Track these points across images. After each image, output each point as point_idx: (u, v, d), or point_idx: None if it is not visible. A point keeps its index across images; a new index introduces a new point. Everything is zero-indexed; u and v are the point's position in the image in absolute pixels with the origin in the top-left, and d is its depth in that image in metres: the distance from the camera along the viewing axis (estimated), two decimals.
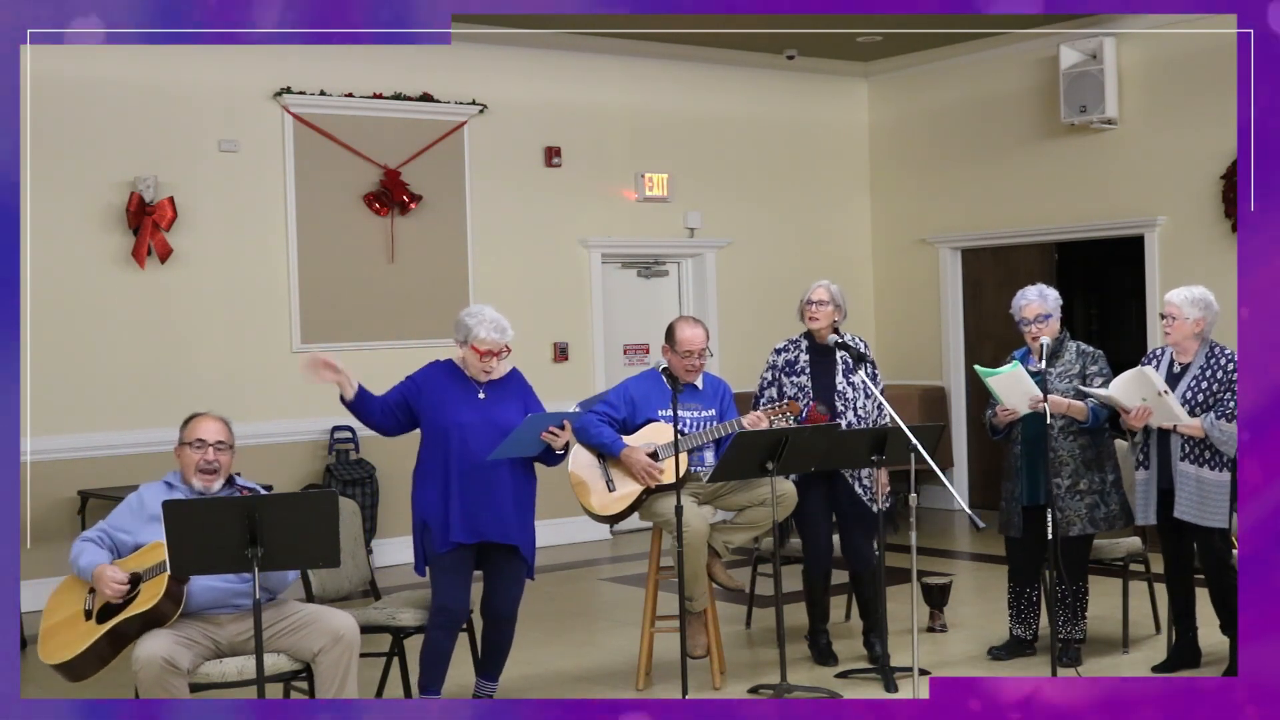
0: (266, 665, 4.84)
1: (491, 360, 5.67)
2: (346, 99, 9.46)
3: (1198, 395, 5.97)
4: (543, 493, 5.87)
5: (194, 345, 8.98)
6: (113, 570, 4.95)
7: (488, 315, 5.70)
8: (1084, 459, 6.29)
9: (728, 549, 6.27)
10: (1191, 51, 9.67)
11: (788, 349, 6.62)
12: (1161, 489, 6.06)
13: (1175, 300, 6.05)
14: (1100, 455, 6.35)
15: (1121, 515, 6.37)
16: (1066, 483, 6.28)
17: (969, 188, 11.17)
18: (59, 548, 8.09)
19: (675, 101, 10.88)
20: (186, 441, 5.18)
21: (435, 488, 5.64)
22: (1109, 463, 6.40)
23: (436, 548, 5.63)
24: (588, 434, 6.22)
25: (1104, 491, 6.34)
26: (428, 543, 5.66)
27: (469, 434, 5.60)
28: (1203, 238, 9.72)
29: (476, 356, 5.66)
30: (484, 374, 5.71)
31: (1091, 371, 6.32)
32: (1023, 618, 6.59)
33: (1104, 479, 6.35)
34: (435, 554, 5.63)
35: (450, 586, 5.63)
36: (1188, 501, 5.94)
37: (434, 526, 5.63)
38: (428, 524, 5.65)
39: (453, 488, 5.61)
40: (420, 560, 5.73)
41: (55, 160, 8.48)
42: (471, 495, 5.62)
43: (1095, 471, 6.33)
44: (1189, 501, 5.94)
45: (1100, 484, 6.33)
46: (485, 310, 5.74)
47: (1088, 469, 6.30)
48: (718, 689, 6.23)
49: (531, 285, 10.24)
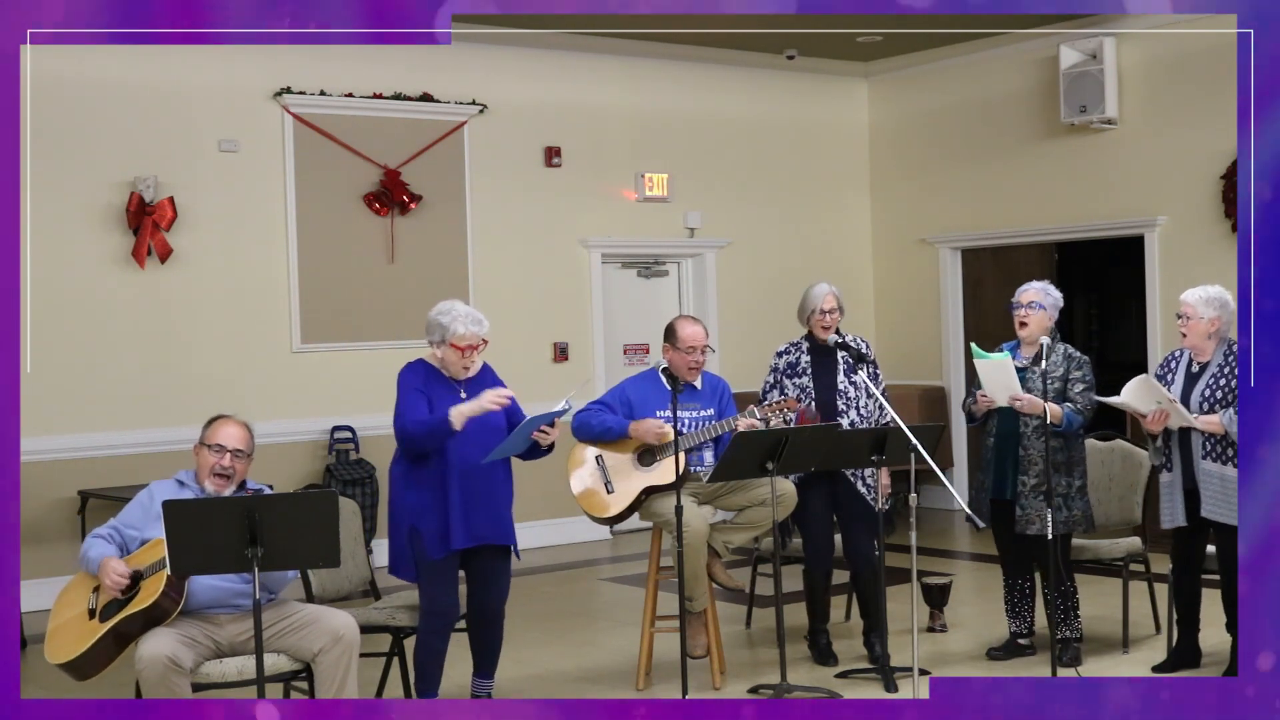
0: (266, 665, 4.84)
1: (472, 355, 5.58)
2: (346, 99, 9.46)
3: (1216, 393, 5.95)
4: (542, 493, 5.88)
5: (194, 345, 8.98)
6: (117, 563, 4.96)
7: (461, 310, 5.58)
8: (1053, 461, 6.23)
9: (728, 549, 6.27)
10: (1191, 51, 9.67)
11: (789, 351, 6.62)
12: (1185, 490, 6.04)
13: (1190, 300, 6.01)
14: (1070, 460, 6.32)
15: (1083, 521, 6.37)
16: (1031, 482, 6.28)
17: (969, 188, 11.17)
18: (59, 548, 8.13)
19: (675, 101, 10.88)
20: (206, 443, 5.17)
21: (429, 492, 5.54)
22: (1078, 468, 6.37)
23: (431, 554, 5.53)
24: (589, 427, 6.21)
25: (1068, 495, 6.30)
26: (418, 548, 5.55)
27: (461, 436, 5.50)
28: (1203, 238, 9.72)
29: (458, 354, 5.56)
30: (464, 371, 5.61)
31: (1074, 376, 6.28)
32: (1016, 612, 6.60)
33: (1070, 483, 6.32)
34: (429, 560, 5.55)
35: (443, 591, 5.58)
36: (1213, 500, 5.90)
37: (427, 532, 5.53)
38: (418, 529, 5.55)
39: (452, 492, 5.54)
40: (406, 565, 5.61)
41: (55, 160, 8.48)
42: (470, 499, 5.58)
43: (1062, 475, 6.29)
44: (1215, 500, 5.89)
45: (1066, 488, 6.30)
46: (457, 306, 5.62)
47: (1055, 471, 6.24)
48: (718, 689, 6.23)
49: (531, 285, 10.24)
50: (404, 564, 5.63)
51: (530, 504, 9.37)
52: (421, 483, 5.56)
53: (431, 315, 5.62)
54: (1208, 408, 5.94)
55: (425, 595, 5.61)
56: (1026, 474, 6.28)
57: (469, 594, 5.74)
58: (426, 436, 5.47)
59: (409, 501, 5.58)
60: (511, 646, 6.28)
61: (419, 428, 5.48)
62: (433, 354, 5.63)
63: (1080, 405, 6.22)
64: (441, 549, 5.54)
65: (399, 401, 5.61)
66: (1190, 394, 6.01)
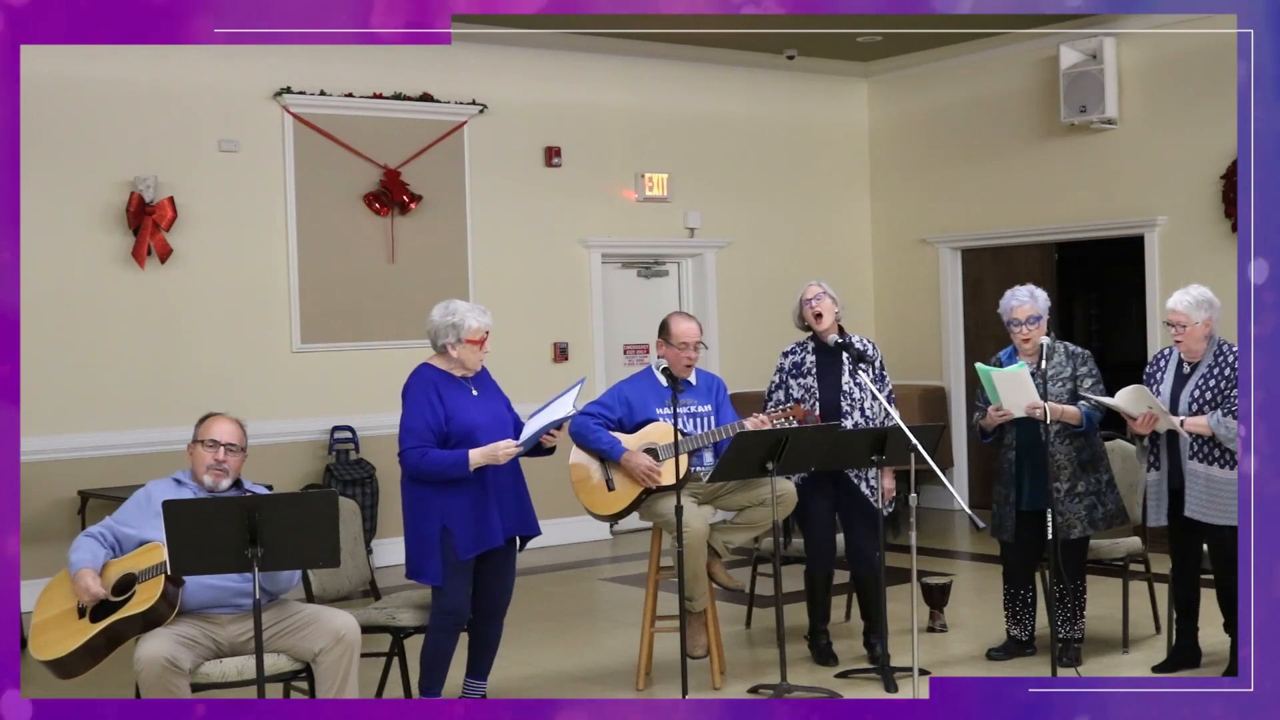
0: (267, 665, 4.84)
1: (487, 345, 5.61)
2: (346, 99, 9.46)
3: (1205, 394, 5.95)
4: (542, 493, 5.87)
5: (194, 345, 8.98)
6: (93, 580, 4.93)
7: (464, 306, 5.59)
8: (1080, 461, 6.30)
9: (728, 549, 6.27)
10: (1191, 51, 9.67)
11: (794, 351, 6.62)
12: (1172, 489, 6.05)
13: (1180, 308, 5.97)
14: (1095, 456, 6.37)
15: (1119, 514, 6.41)
16: (1065, 486, 6.28)
17: (969, 188, 11.17)
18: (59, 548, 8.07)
19: (675, 101, 10.88)
20: (200, 440, 5.19)
21: (468, 494, 5.49)
22: (1102, 463, 6.42)
23: (462, 554, 5.50)
24: (585, 439, 6.21)
25: (1100, 492, 6.35)
26: (448, 548, 5.49)
27: (489, 436, 5.51)
28: (1203, 238, 9.72)
29: (475, 347, 5.56)
30: (478, 365, 5.62)
31: (1081, 372, 6.30)
32: (1019, 619, 6.59)
33: (1100, 479, 6.36)
34: (457, 560, 5.51)
35: (462, 590, 5.57)
36: (1198, 500, 5.92)
37: (461, 532, 5.49)
38: (451, 530, 5.48)
39: (490, 493, 5.53)
40: (433, 567, 5.51)
41: (55, 160, 8.48)
42: (503, 494, 5.60)
43: (1091, 473, 6.34)
44: (1199, 500, 5.92)
45: (1097, 484, 6.34)
46: (457, 304, 5.61)
47: (1084, 471, 6.31)
48: (718, 689, 6.23)
49: (531, 285, 10.24)
50: (432, 566, 5.52)
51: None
52: (460, 486, 5.50)
53: (437, 320, 5.58)
54: (1196, 408, 5.95)
55: (441, 594, 5.56)
56: (1059, 479, 6.26)
57: (476, 587, 5.68)
58: (439, 473, 5.45)
59: (436, 503, 5.50)
60: (511, 646, 6.28)
61: (434, 466, 5.44)
62: (446, 356, 5.61)
63: (1095, 401, 6.22)
64: (474, 549, 5.52)
65: (407, 418, 5.53)
66: (1180, 394, 6.02)
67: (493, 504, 5.57)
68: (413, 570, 5.63)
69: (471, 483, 5.51)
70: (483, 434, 5.52)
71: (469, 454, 5.44)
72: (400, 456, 5.56)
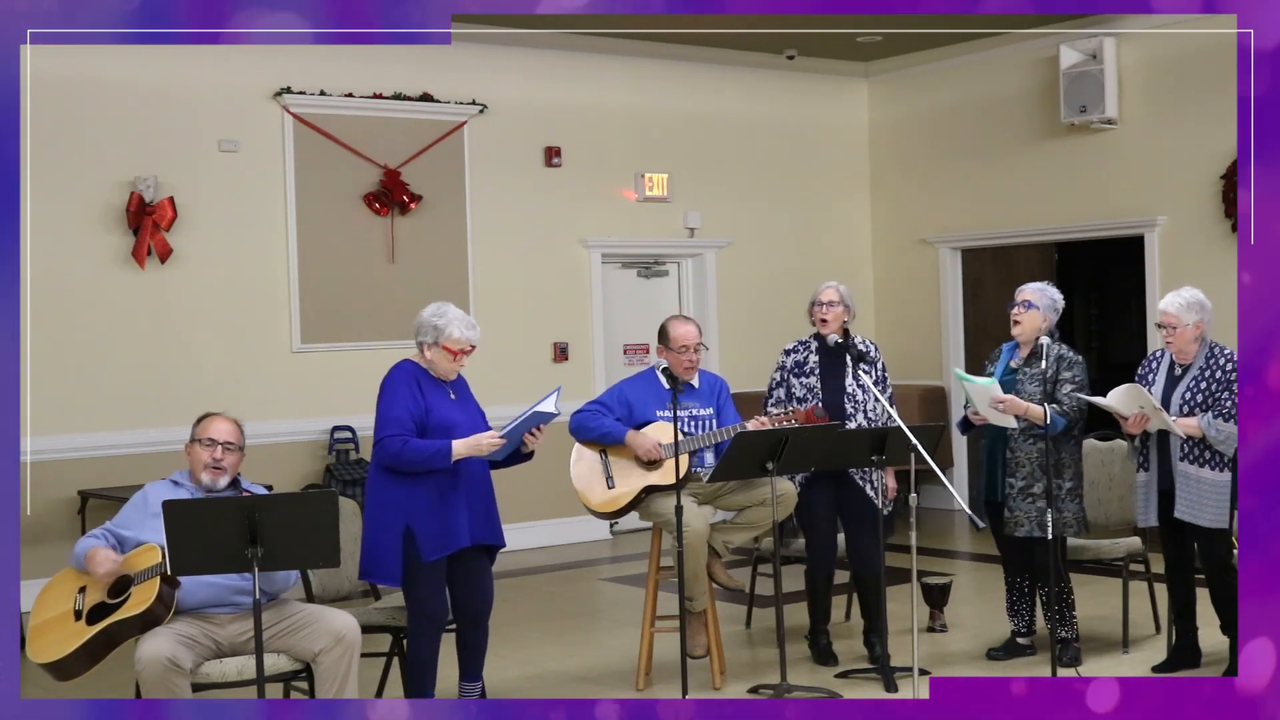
0: (267, 665, 4.84)
1: (462, 359, 5.57)
2: (346, 99, 9.46)
3: (1196, 395, 5.96)
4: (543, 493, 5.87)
5: (194, 345, 8.98)
6: (108, 552, 4.95)
7: (456, 314, 5.55)
8: (1040, 463, 6.20)
9: (728, 549, 6.27)
10: (1191, 51, 9.67)
11: (797, 350, 6.60)
12: (1162, 490, 6.06)
13: (1172, 310, 5.98)
14: (1060, 462, 6.28)
15: (1074, 523, 6.34)
16: (1020, 484, 6.28)
17: (969, 188, 11.18)
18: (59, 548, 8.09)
19: (675, 101, 10.88)
20: (197, 439, 5.19)
21: (431, 492, 5.44)
22: (1068, 470, 6.33)
23: (426, 555, 5.43)
24: (586, 428, 6.20)
25: (1059, 498, 6.27)
26: (410, 549, 5.43)
27: (467, 434, 5.48)
28: (1203, 238, 9.72)
29: (450, 356, 5.52)
30: (451, 375, 5.59)
31: (1064, 377, 6.24)
32: (1015, 610, 6.61)
33: (1060, 485, 6.28)
34: (422, 562, 5.44)
35: (437, 593, 5.51)
36: (1187, 502, 5.94)
37: (426, 533, 5.43)
38: (414, 530, 5.43)
39: (459, 493, 5.50)
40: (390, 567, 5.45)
41: (55, 160, 8.48)
42: (473, 499, 5.56)
43: (1054, 477, 6.24)
44: (1189, 502, 5.94)
45: (1057, 490, 6.26)
46: (450, 309, 5.58)
47: (1044, 474, 6.18)
48: (718, 689, 6.23)
49: (531, 285, 10.24)
50: (388, 566, 5.46)
51: (530, 504, 9.38)
52: (424, 484, 5.46)
53: (424, 316, 5.57)
54: (1187, 410, 5.95)
55: (416, 599, 5.50)
56: (1014, 476, 6.30)
57: (454, 596, 5.63)
58: (420, 463, 5.39)
59: (401, 501, 5.45)
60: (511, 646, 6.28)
61: (416, 454, 5.39)
62: (420, 355, 5.60)
63: (1066, 406, 6.18)
64: (439, 550, 5.46)
65: (389, 407, 5.47)
66: (1171, 395, 6.02)
67: (461, 506, 5.50)
68: (366, 569, 5.56)
69: (443, 479, 5.44)
70: (460, 431, 5.48)
71: (452, 444, 5.41)
72: (378, 445, 5.45)
